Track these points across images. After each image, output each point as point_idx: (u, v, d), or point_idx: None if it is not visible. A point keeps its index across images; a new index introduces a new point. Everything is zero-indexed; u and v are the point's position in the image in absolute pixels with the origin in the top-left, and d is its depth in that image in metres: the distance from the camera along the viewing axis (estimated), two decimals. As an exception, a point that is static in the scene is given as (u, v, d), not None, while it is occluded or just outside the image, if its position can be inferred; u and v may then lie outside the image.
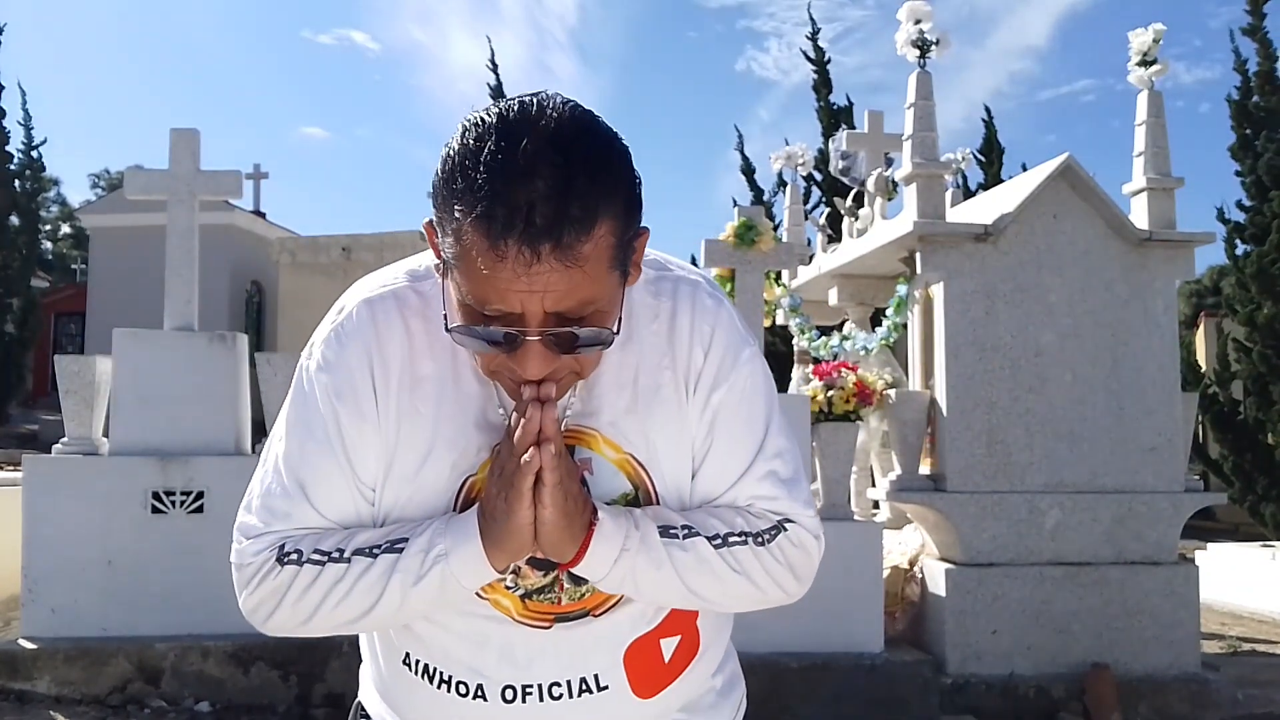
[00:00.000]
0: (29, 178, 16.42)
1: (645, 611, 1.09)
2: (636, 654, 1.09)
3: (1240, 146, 11.51)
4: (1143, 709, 4.83)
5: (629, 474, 1.06)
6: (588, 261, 0.90)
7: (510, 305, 0.91)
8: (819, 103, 16.06)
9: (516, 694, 1.07)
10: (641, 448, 1.06)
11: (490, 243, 0.88)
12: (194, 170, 5.11)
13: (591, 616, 1.07)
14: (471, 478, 1.04)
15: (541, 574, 1.05)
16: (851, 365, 5.19)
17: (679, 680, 1.14)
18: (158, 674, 4.46)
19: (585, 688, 1.08)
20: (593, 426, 1.05)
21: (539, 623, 1.06)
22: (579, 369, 0.99)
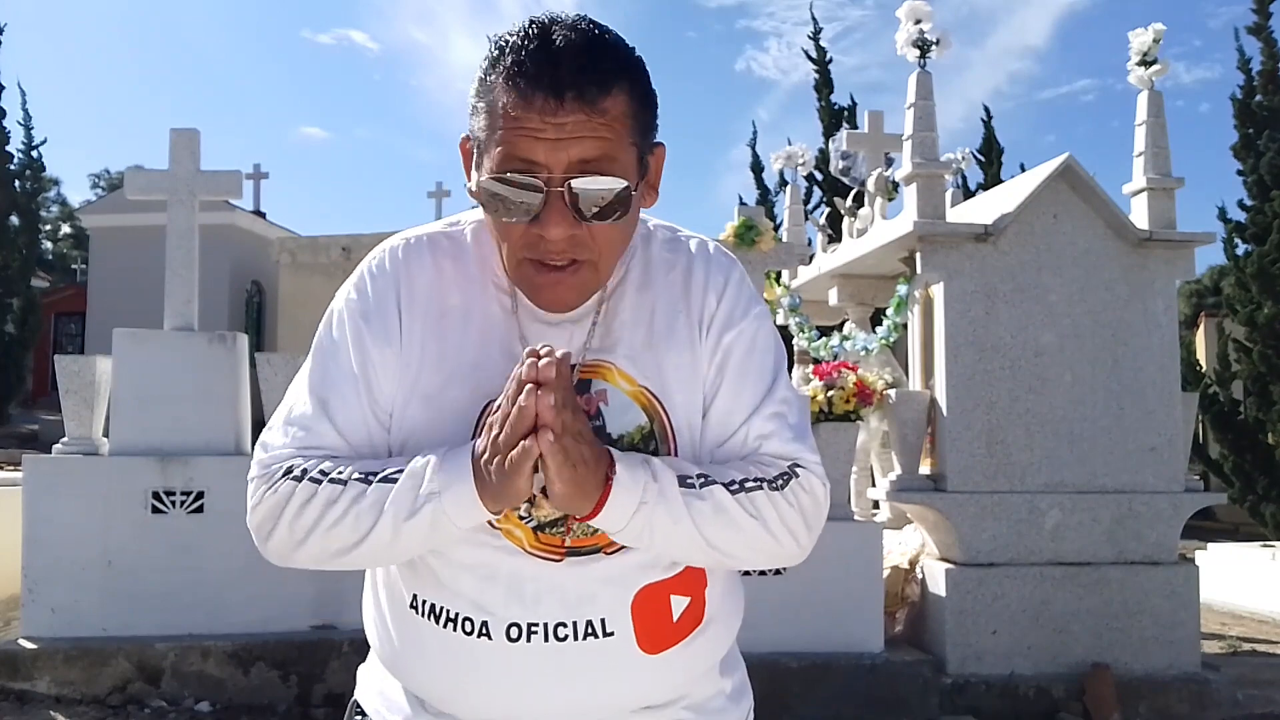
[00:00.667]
0: (29, 178, 16.43)
1: (658, 559, 1.08)
2: (644, 603, 1.08)
3: (1242, 146, 11.51)
4: (1143, 709, 4.82)
5: (644, 405, 1.09)
6: (607, 116, 0.98)
7: (536, 155, 0.97)
8: (820, 102, 16.07)
9: (521, 632, 1.06)
10: (656, 381, 1.09)
11: (519, 94, 0.97)
12: (194, 170, 5.11)
13: (603, 553, 1.07)
14: (492, 401, 1.04)
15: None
16: (851, 365, 5.19)
17: (684, 646, 1.11)
18: (158, 674, 4.46)
19: (591, 631, 1.06)
20: (609, 360, 1.09)
21: (550, 555, 1.06)
22: (596, 254, 1.03)
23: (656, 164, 1.11)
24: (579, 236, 1.01)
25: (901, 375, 6.04)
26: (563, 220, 0.99)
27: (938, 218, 5.24)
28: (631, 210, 1.04)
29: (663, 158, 1.12)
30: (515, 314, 1.10)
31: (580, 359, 1.08)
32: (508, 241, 1.04)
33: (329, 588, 4.54)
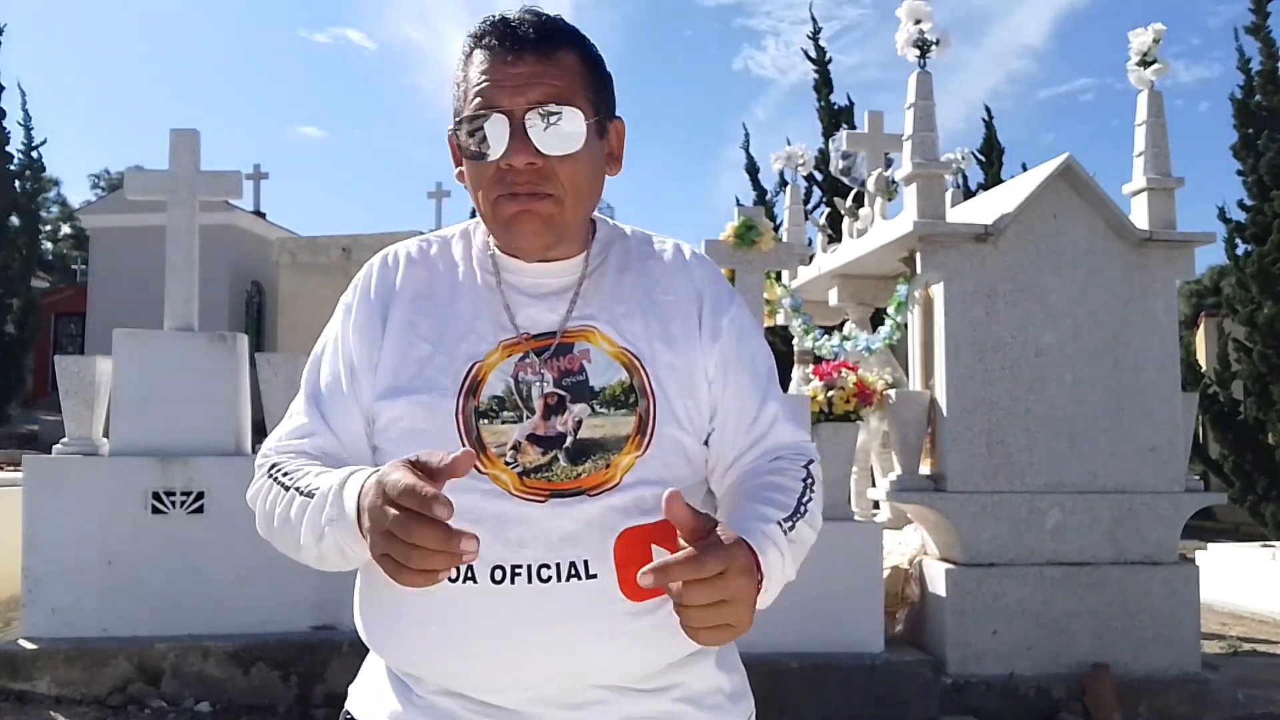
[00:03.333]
0: (29, 178, 16.42)
1: (639, 503, 1.12)
2: (626, 547, 1.07)
3: (1242, 145, 11.51)
4: (1143, 709, 4.82)
5: (625, 363, 1.17)
6: (559, 66, 1.12)
7: (500, 100, 1.10)
8: (820, 102, 16.06)
9: (505, 574, 1.08)
10: (636, 345, 1.18)
11: (484, 52, 1.13)
12: (194, 171, 5.11)
13: (586, 495, 1.11)
14: (479, 363, 1.14)
15: (540, 452, 1.12)
16: (852, 365, 5.19)
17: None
18: (158, 674, 4.46)
19: (574, 572, 1.09)
20: (592, 324, 1.18)
21: (534, 497, 1.10)
22: (561, 190, 1.13)
23: (617, 136, 1.22)
24: (544, 169, 1.11)
25: (901, 375, 6.04)
26: (524, 148, 1.10)
27: (938, 218, 5.24)
28: (591, 152, 1.15)
29: (623, 131, 1.23)
30: (500, 289, 1.19)
31: (564, 326, 1.17)
32: (483, 187, 1.14)
33: (329, 588, 4.54)
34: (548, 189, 1.12)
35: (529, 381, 1.14)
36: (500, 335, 1.16)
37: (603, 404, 1.14)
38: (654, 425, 1.15)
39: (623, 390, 1.15)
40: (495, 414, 1.13)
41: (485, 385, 1.14)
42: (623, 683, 1.12)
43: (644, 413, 1.15)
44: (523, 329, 1.17)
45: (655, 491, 1.11)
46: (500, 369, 1.14)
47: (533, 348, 1.16)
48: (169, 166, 5.12)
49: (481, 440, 1.12)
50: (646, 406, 1.15)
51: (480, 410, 1.13)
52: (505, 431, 1.12)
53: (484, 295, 1.19)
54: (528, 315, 1.18)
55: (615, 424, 1.14)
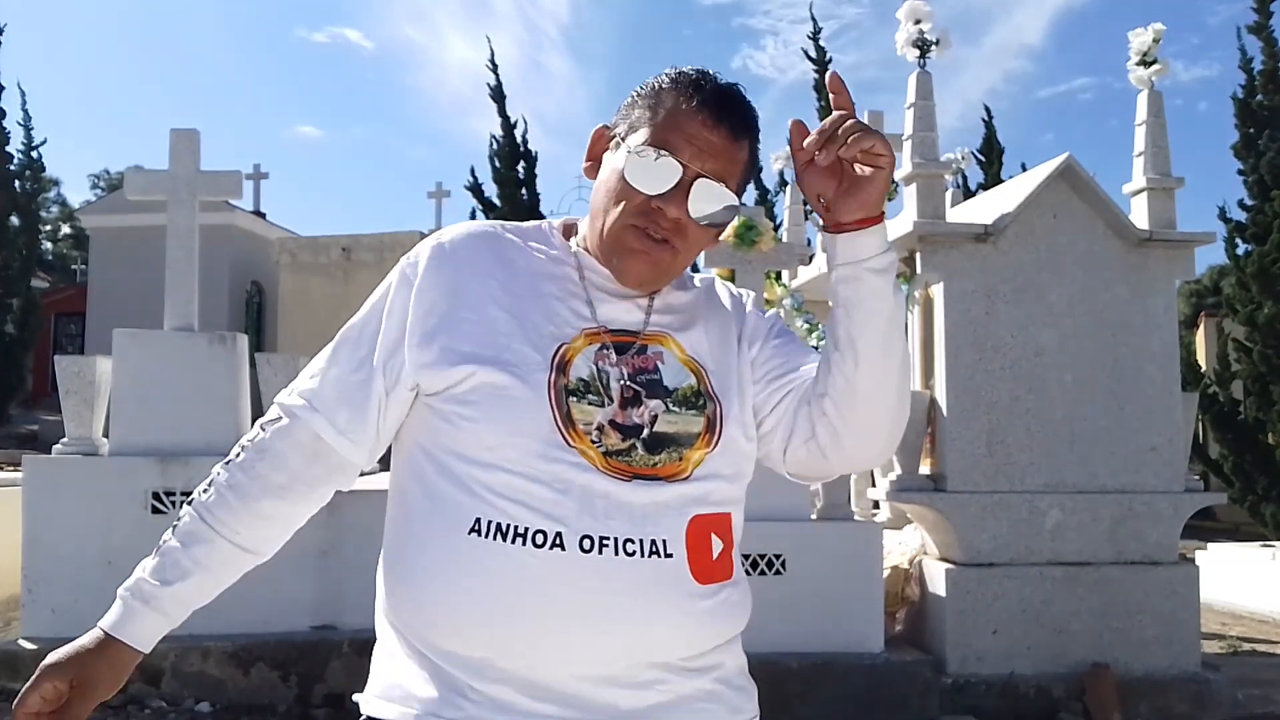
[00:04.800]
0: (29, 178, 16.43)
1: (708, 495, 1.20)
2: (695, 532, 1.18)
3: (1243, 145, 11.51)
4: (1143, 709, 4.82)
5: (693, 370, 1.26)
6: (739, 154, 1.22)
7: (684, 151, 1.18)
8: (819, 103, 16.07)
9: (594, 544, 1.12)
10: (704, 359, 1.28)
11: (692, 104, 1.20)
12: (194, 171, 5.11)
13: (664, 481, 1.18)
14: (565, 345, 1.20)
15: (620, 437, 1.18)
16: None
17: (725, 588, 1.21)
18: (158, 674, 4.46)
19: (655, 550, 1.14)
20: (667, 330, 1.27)
21: (619, 475, 1.16)
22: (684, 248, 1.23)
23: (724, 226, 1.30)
24: (684, 225, 1.20)
25: (901, 375, 6.03)
26: (680, 205, 1.18)
27: (938, 218, 5.24)
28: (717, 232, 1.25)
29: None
30: (583, 284, 1.26)
31: (644, 328, 1.26)
32: (621, 207, 1.21)
33: (329, 588, 4.54)
34: (674, 240, 1.21)
35: (608, 372, 1.21)
36: (582, 324, 1.23)
37: (676, 403, 1.22)
38: (721, 426, 1.23)
39: (693, 393, 1.24)
40: (582, 394, 1.18)
41: (572, 366, 1.19)
42: (679, 661, 1.16)
43: (712, 415, 1.23)
44: (602, 323, 1.24)
45: (721, 486, 1.22)
46: (584, 354, 1.21)
47: (611, 341, 1.23)
48: (169, 166, 5.12)
49: (571, 416, 1.16)
50: (714, 410, 1.24)
51: (569, 388, 1.18)
52: (591, 412, 1.18)
53: (567, 285, 1.26)
54: (606, 312, 1.25)
55: (687, 422, 1.22)
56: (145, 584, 1.20)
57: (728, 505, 1.23)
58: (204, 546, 1.21)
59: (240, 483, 1.24)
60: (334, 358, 1.26)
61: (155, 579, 1.20)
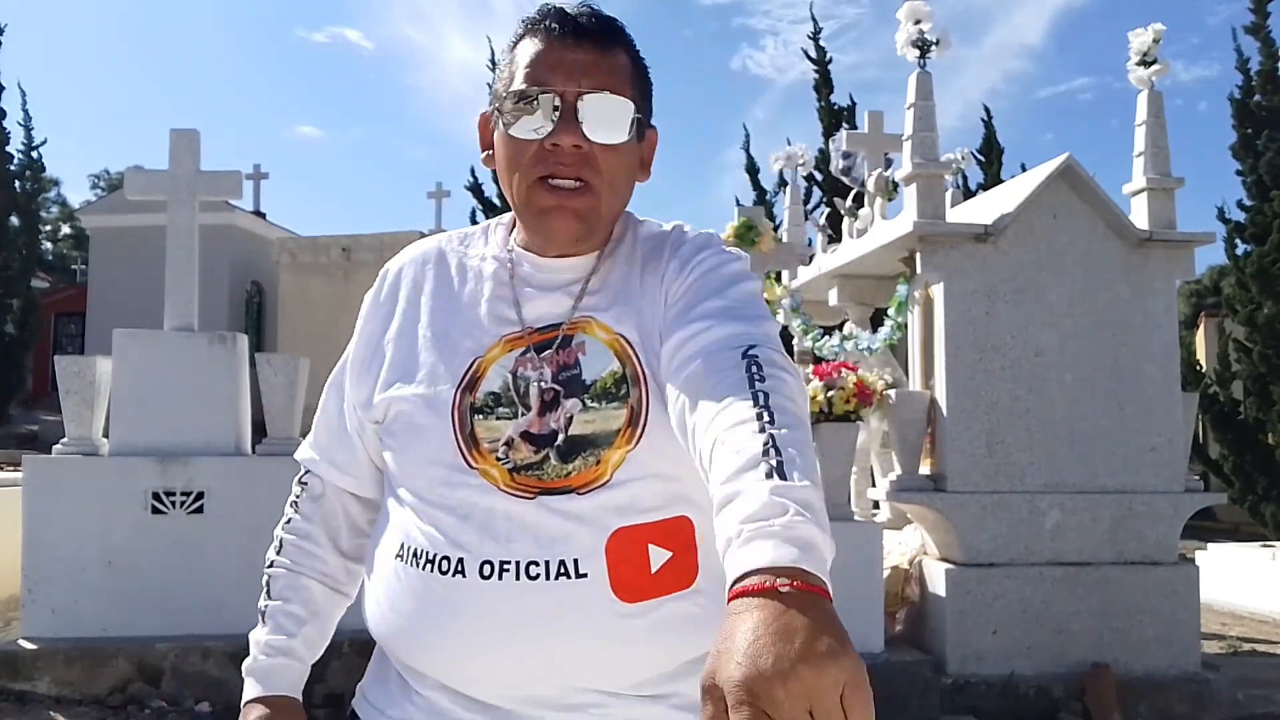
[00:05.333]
0: (29, 178, 16.42)
1: (633, 502, 1.08)
2: (620, 546, 1.07)
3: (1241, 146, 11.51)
4: (1143, 709, 4.82)
5: (617, 351, 1.13)
6: (613, 62, 1.13)
7: (554, 80, 1.10)
8: (820, 102, 16.06)
9: (494, 569, 1.06)
10: (632, 330, 1.14)
11: (543, 35, 1.13)
12: (194, 171, 5.11)
13: (576, 493, 1.08)
14: (479, 359, 1.15)
15: (532, 450, 1.10)
16: (851, 365, 5.19)
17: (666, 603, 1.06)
18: (158, 674, 4.47)
19: (563, 571, 1.06)
20: (590, 314, 1.16)
21: (523, 493, 1.09)
22: (600, 180, 1.12)
23: (649, 145, 1.22)
24: (587, 155, 1.10)
25: (901, 375, 6.05)
26: (573, 130, 1.09)
27: (938, 218, 5.24)
28: (630, 149, 1.15)
29: (655, 141, 1.23)
30: (512, 283, 1.18)
31: (568, 319, 1.15)
32: (521, 166, 1.13)
33: (329, 588, 4.53)
34: (587, 176, 1.11)
35: (528, 377, 1.13)
36: (503, 330, 1.16)
37: (594, 397, 1.11)
38: (646, 416, 1.09)
39: (614, 381, 1.12)
40: (490, 410, 1.12)
41: (484, 380, 1.13)
42: (616, 689, 1.08)
43: (635, 403, 1.10)
44: (528, 323, 1.16)
45: (651, 488, 1.08)
46: (500, 364, 1.14)
47: (534, 342, 1.14)
48: (169, 166, 5.12)
49: (475, 435, 1.11)
50: (639, 396, 1.10)
51: (475, 406, 1.12)
52: (499, 427, 1.11)
53: (495, 290, 1.19)
54: (534, 309, 1.17)
55: (606, 418, 1.10)
56: (272, 643, 1.24)
57: (668, 509, 1.09)
58: (303, 594, 1.28)
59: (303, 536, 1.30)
60: (325, 401, 1.30)
61: (278, 635, 1.25)
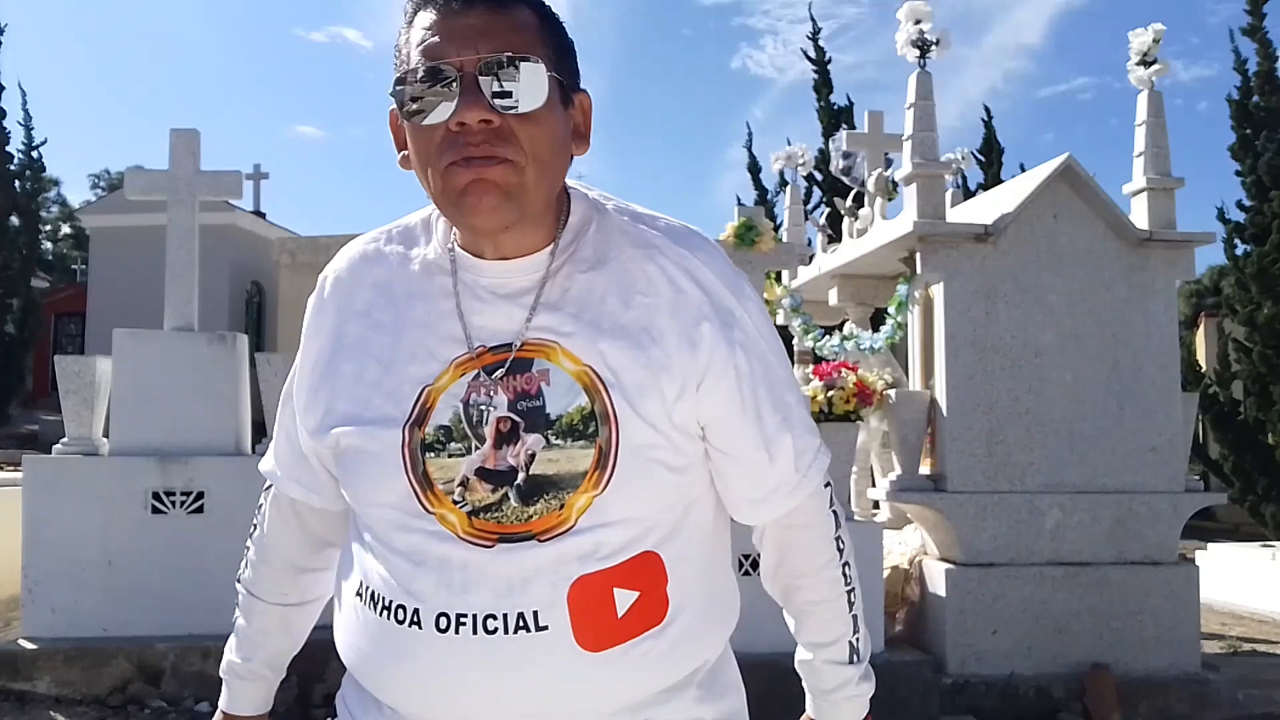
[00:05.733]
0: (29, 178, 16.41)
1: (597, 549, 1.01)
2: (582, 594, 1.00)
3: (1240, 146, 11.50)
4: (1143, 709, 4.82)
5: (586, 385, 1.02)
6: (515, 19, 0.98)
7: (448, 52, 0.96)
8: (819, 103, 16.06)
9: (450, 622, 1.01)
10: (602, 362, 1.02)
11: (429, 7, 0.99)
12: (194, 171, 5.11)
13: (536, 541, 1.01)
14: (428, 388, 1.04)
15: (490, 489, 1.02)
16: (851, 365, 5.19)
17: (634, 646, 1.03)
18: (158, 674, 4.46)
19: (522, 624, 1.00)
20: (553, 339, 1.04)
21: (481, 541, 1.01)
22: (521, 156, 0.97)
23: (583, 111, 1.07)
24: (501, 130, 0.96)
25: (901, 375, 6.04)
26: (477, 104, 0.95)
27: (938, 218, 5.24)
28: (554, 117, 1.00)
29: (589, 107, 1.08)
30: (455, 292, 1.06)
31: (521, 338, 1.03)
32: (430, 159, 0.99)
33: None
34: (505, 153, 0.97)
35: (480, 405, 1.02)
36: (454, 352, 1.04)
37: (558, 434, 1.02)
38: (615, 459, 1.01)
39: (581, 418, 1.02)
40: (442, 446, 1.03)
41: (433, 413, 1.03)
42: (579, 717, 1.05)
43: (604, 443, 1.01)
44: (478, 342, 1.04)
45: (617, 535, 1.02)
46: (450, 393, 1.03)
47: (486, 364, 1.03)
48: (169, 166, 5.12)
49: (428, 476, 1.02)
50: (609, 436, 1.01)
51: (426, 443, 1.03)
52: (453, 466, 1.02)
53: (438, 302, 1.06)
54: (483, 324, 1.04)
55: (571, 458, 1.01)
56: (234, 664, 1.31)
57: (633, 548, 1.03)
58: (260, 618, 1.29)
59: (263, 553, 1.28)
60: (281, 415, 1.21)
61: (239, 656, 1.30)
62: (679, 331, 1.04)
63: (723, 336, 1.05)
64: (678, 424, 1.04)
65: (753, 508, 1.15)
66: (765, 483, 1.13)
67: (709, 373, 1.05)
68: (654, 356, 1.03)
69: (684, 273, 1.06)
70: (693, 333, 1.04)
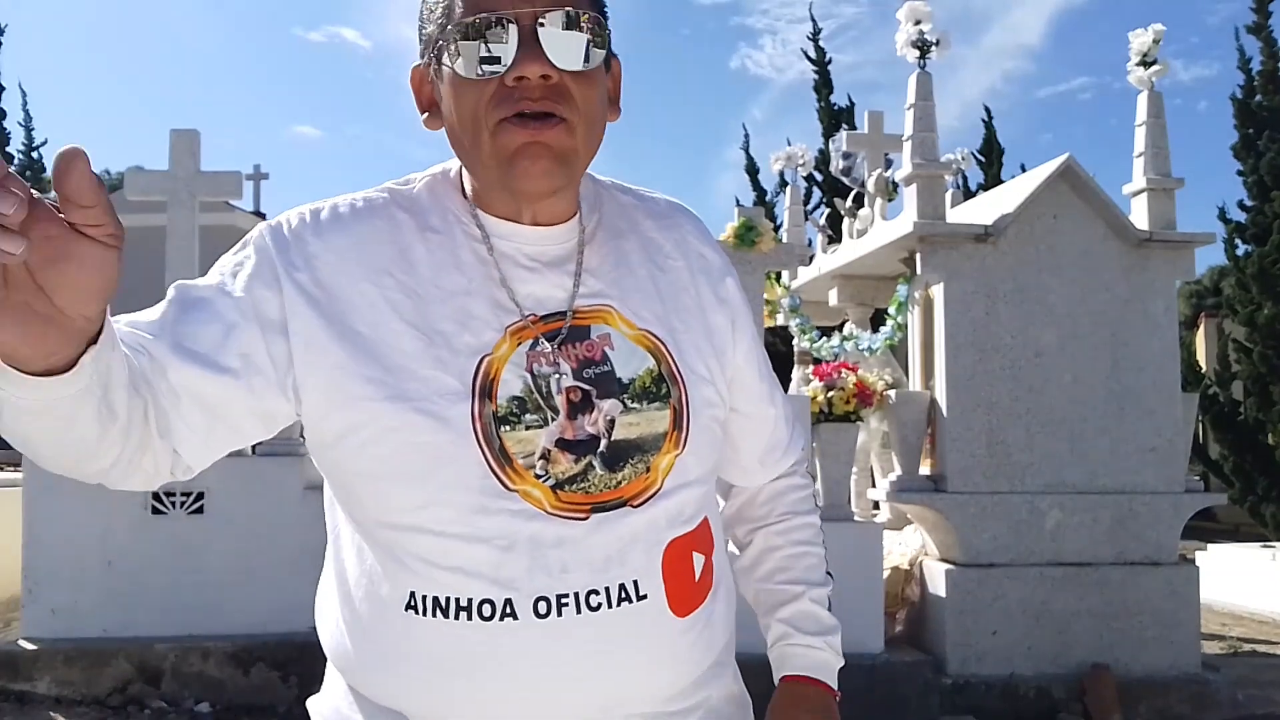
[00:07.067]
0: (29, 179, 16.42)
1: (683, 510, 1.01)
2: (673, 559, 0.99)
3: (1243, 146, 11.49)
4: (1143, 709, 4.82)
5: (649, 348, 1.02)
6: None
7: (502, 4, 0.91)
8: (819, 103, 16.05)
9: (551, 606, 0.94)
10: (656, 325, 1.04)
11: None
12: (194, 171, 5.11)
13: (629, 507, 0.97)
14: (488, 357, 0.96)
15: (573, 459, 0.97)
16: (851, 366, 5.19)
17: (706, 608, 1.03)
18: (158, 675, 4.47)
19: (625, 596, 0.96)
20: (608, 303, 1.02)
21: (575, 514, 0.95)
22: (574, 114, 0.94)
23: (615, 78, 1.04)
24: (558, 86, 0.92)
25: (902, 376, 6.04)
26: (537, 57, 0.91)
27: (938, 218, 5.24)
28: (602, 78, 0.98)
29: (620, 74, 1.05)
30: (493, 258, 0.99)
31: (573, 304, 1.00)
32: (478, 114, 0.93)
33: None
34: (562, 110, 0.92)
35: (545, 374, 0.97)
36: (504, 320, 0.97)
37: (633, 398, 1.00)
38: (689, 417, 1.01)
39: (652, 380, 1.01)
40: (517, 418, 0.96)
41: (500, 384, 0.96)
42: (657, 706, 1.01)
43: (678, 403, 1.01)
44: (527, 310, 0.99)
45: (695, 493, 1.02)
46: (512, 362, 0.97)
47: (542, 332, 0.98)
48: (169, 167, 5.13)
49: (506, 451, 0.94)
50: (679, 396, 1.01)
51: (500, 415, 0.95)
52: (531, 439, 0.96)
53: (474, 267, 0.99)
54: (530, 293, 0.99)
55: (650, 420, 1.00)
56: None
57: (705, 510, 1.05)
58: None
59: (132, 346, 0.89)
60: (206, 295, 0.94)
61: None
62: (710, 290, 1.09)
63: (739, 292, 1.13)
64: (724, 381, 1.09)
65: (761, 466, 1.20)
66: (773, 437, 1.19)
67: (736, 326, 1.11)
68: (697, 317, 1.07)
69: (698, 238, 1.12)
70: (719, 289, 1.10)
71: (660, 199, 1.15)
